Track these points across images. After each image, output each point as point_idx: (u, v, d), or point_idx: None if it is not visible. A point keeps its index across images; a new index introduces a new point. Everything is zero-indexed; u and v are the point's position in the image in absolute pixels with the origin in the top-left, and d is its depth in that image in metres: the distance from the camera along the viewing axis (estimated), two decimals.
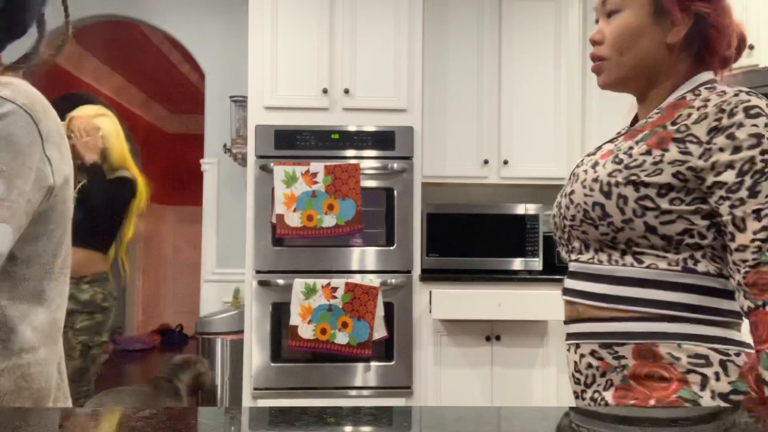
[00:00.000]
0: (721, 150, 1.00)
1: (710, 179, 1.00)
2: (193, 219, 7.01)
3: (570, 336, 1.14)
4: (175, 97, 7.99)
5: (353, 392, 3.48)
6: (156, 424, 0.70)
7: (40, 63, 1.23)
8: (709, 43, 1.10)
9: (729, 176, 0.99)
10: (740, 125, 1.00)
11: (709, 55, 1.11)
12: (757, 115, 1.00)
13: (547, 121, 3.88)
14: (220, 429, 0.73)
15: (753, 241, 0.95)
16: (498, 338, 3.51)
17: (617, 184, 1.06)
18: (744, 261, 0.96)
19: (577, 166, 1.16)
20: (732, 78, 1.13)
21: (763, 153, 0.98)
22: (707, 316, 1.02)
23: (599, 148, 1.17)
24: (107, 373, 6.39)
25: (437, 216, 3.71)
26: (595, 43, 1.15)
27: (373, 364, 3.48)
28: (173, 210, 8.91)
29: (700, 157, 1.02)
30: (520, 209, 3.75)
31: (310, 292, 3.41)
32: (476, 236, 3.73)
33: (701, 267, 1.03)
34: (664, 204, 1.03)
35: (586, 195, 1.09)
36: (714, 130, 1.02)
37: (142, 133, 8.25)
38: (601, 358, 1.08)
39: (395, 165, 3.53)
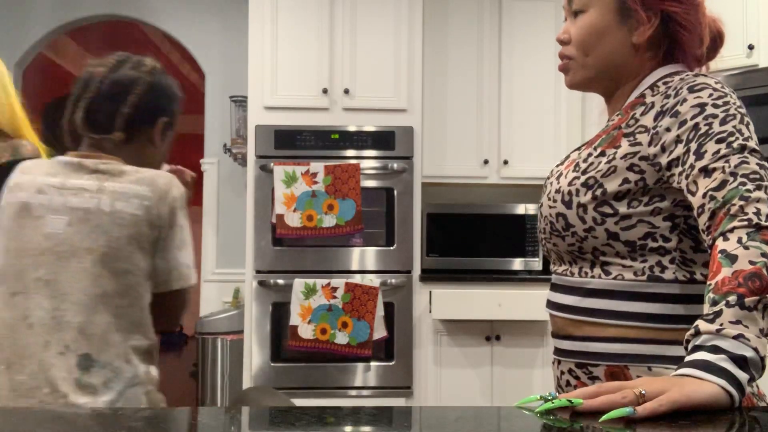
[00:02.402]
0: (668, 130, 0.98)
1: (665, 161, 0.97)
2: (193, 219, 7.00)
3: (554, 350, 1.12)
4: None
5: (353, 392, 3.48)
6: (156, 424, 0.70)
7: None
8: (678, 42, 1.08)
9: (679, 150, 0.96)
10: (683, 101, 0.98)
11: (680, 54, 1.08)
12: (702, 89, 0.98)
13: (547, 121, 3.87)
14: (220, 429, 0.73)
15: (704, 195, 0.90)
16: (498, 338, 3.51)
17: (577, 193, 1.04)
18: (703, 221, 0.90)
19: (547, 178, 1.14)
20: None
21: (706, 118, 0.95)
22: (677, 326, 0.98)
23: (567, 157, 1.15)
24: None
25: (437, 216, 3.71)
26: (562, 42, 1.14)
27: (373, 364, 3.48)
28: None
29: (650, 144, 0.99)
30: (520, 209, 3.75)
31: (310, 292, 3.41)
32: (476, 236, 3.73)
33: (668, 274, 0.99)
34: (623, 208, 1.01)
35: (550, 207, 1.08)
36: (660, 114, 1.00)
37: None
38: (577, 377, 1.06)
39: (395, 165, 3.53)
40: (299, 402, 3.41)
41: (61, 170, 1.43)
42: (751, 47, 3.10)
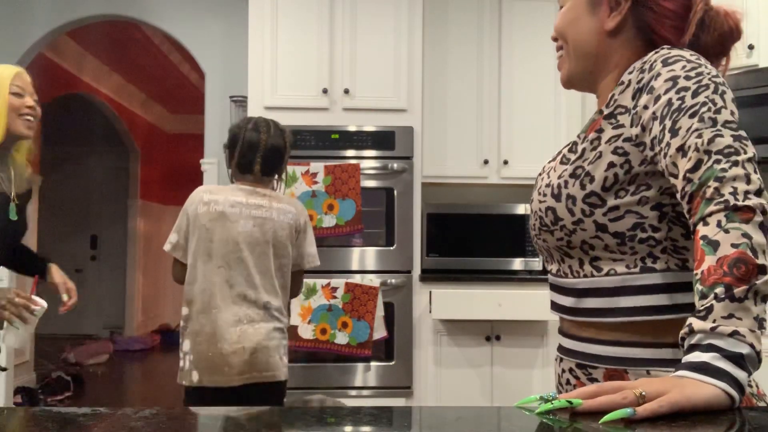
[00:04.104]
0: (645, 107, 0.95)
1: (648, 140, 0.95)
2: None
3: (558, 347, 1.12)
4: (175, 97, 7.99)
5: (353, 392, 3.48)
6: (156, 424, 0.70)
7: None
8: (650, 27, 1.05)
9: (656, 128, 0.93)
10: (657, 75, 0.95)
11: (661, 42, 1.05)
12: (676, 61, 0.95)
13: (547, 121, 3.87)
14: (221, 429, 0.73)
15: (684, 178, 0.87)
16: (498, 338, 3.51)
17: (565, 184, 1.02)
18: (684, 205, 0.88)
19: (539, 174, 1.13)
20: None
21: (678, 92, 0.92)
22: (676, 315, 0.96)
23: (559, 153, 1.13)
24: (107, 373, 6.40)
25: (437, 216, 3.71)
26: (553, 39, 1.15)
27: (373, 364, 3.48)
28: (173, 210, 8.90)
29: (631, 125, 0.97)
30: (520, 209, 3.75)
31: (310, 292, 3.41)
32: (476, 236, 3.73)
33: (660, 264, 0.98)
34: (611, 199, 0.98)
35: (540, 201, 1.07)
36: (637, 92, 0.98)
37: (142, 133, 8.25)
38: (577, 377, 1.06)
39: (395, 165, 3.53)
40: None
41: (241, 193, 2.31)
42: (751, 47, 3.10)
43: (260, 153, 2.31)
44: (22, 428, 0.70)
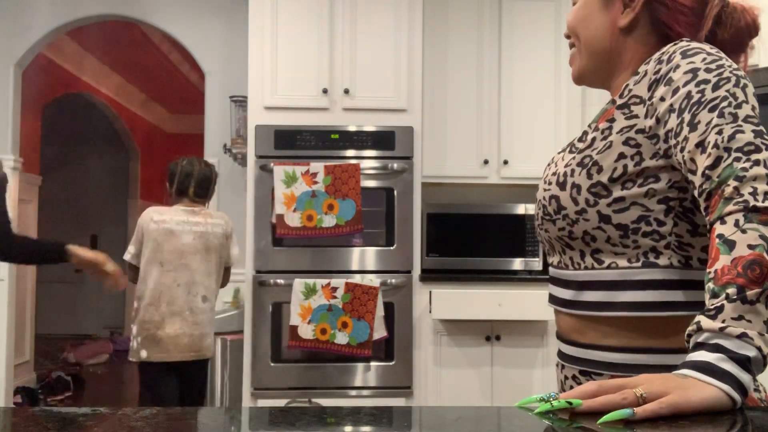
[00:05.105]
0: (662, 99, 0.93)
1: (662, 132, 0.93)
2: None
3: (558, 353, 1.10)
4: (175, 97, 7.99)
5: (353, 392, 3.48)
6: (156, 424, 0.70)
7: None
8: (665, 24, 1.03)
9: (673, 121, 0.91)
10: (676, 67, 0.93)
11: (677, 38, 1.02)
12: (696, 54, 0.93)
13: (547, 121, 3.87)
14: (221, 429, 0.73)
15: (703, 175, 0.85)
16: (498, 338, 3.51)
17: (572, 173, 1.00)
18: (702, 202, 0.86)
19: (548, 165, 1.12)
20: None
21: (698, 84, 0.90)
22: (675, 312, 0.95)
23: (570, 143, 1.11)
24: (107, 373, 6.40)
25: (437, 216, 3.71)
26: (566, 36, 1.14)
27: (373, 364, 3.48)
28: None
29: (646, 116, 0.95)
30: (520, 209, 3.75)
31: (310, 292, 3.41)
32: (476, 236, 3.73)
33: (663, 260, 0.96)
34: (617, 190, 0.96)
35: (545, 190, 1.05)
36: (654, 83, 0.95)
37: (142, 133, 8.25)
38: (581, 384, 1.03)
39: (395, 165, 3.53)
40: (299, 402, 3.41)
41: (183, 213, 3.00)
42: (751, 47, 3.10)
43: (194, 180, 3.02)
44: (22, 428, 0.70)
